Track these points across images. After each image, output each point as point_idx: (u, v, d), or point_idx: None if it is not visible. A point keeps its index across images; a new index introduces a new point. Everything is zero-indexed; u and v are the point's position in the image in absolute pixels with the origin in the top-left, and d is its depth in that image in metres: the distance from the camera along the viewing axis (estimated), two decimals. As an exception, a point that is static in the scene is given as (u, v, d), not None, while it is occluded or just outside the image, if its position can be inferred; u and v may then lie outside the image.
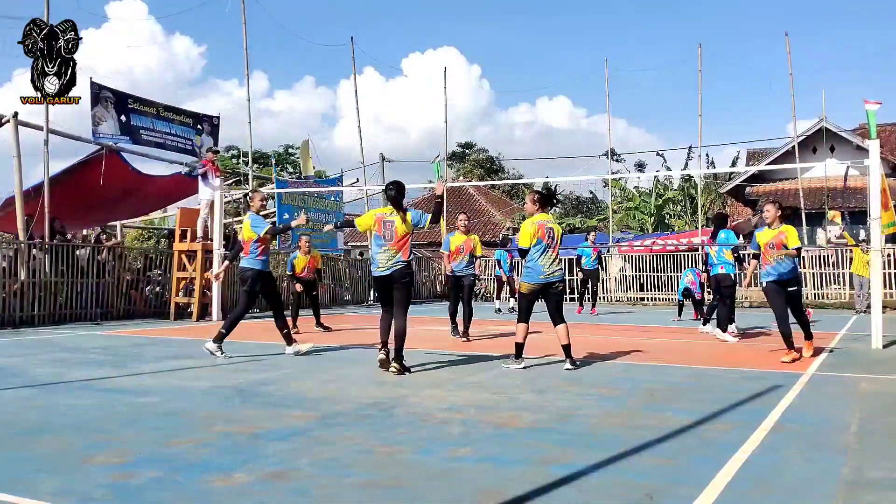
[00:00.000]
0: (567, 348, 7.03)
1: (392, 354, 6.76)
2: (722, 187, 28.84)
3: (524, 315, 7.11)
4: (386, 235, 6.86)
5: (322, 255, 20.32)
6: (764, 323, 12.39)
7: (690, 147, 31.07)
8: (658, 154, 32.28)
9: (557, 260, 7.09)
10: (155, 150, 16.67)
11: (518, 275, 12.74)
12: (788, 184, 24.89)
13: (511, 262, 17.33)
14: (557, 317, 7.13)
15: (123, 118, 15.67)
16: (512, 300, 16.46)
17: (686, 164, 30.53)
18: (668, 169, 31.67)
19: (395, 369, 6.70)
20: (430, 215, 7.20)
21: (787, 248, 7.61)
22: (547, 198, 7.65)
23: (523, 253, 7.03)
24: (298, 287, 11.62)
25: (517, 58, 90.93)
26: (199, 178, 14.41)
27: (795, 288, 7.87)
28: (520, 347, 7.09)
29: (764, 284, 7.95)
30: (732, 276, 9.87)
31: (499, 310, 16.93)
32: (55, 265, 12.94)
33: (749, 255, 10.60)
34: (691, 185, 27.87)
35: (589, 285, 16.47)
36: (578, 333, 10.79)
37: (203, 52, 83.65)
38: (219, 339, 7.96)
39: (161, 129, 16.74)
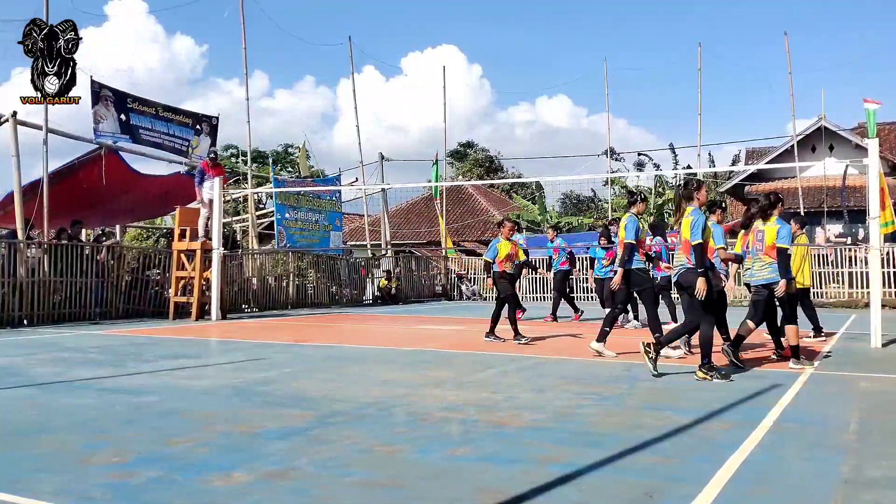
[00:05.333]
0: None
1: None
2: (721, 186, 28.85)
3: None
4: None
5: (322, 254, 20.43)
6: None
7: (671, 145, 31.14)
8: (640, 154, 32.41)
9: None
10: (154, 150, 16.67)
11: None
12: (787, 183, 24.90)
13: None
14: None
15: (123, 117, 15.66)
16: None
17: (675, 164, 30.64)
18: (658, 168, 31.74)
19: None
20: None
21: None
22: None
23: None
24: (490, 282, 9.73)
25: (517, 57, 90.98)
26: (196, 181, 14.33)
27: (763, 294, 7.11)
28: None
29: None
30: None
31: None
32: (54, 264, 12.93)
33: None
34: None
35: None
36: (578, 333, 10.79)
37: (204, 52, 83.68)
38: (602, 338, 7.81)
39: (160, 129, 16.73)
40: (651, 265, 10.56)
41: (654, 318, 7.92)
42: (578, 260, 18.15)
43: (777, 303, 7.28)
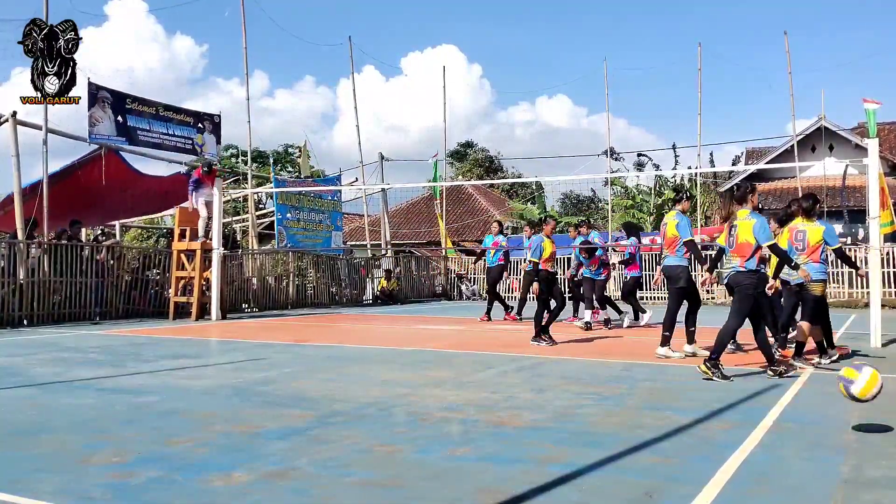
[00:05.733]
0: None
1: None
2: (721, 186, 28.84)
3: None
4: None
5: (322, 254, 20.44)
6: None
7: (674, 145, 31.21)
8: (640, 154, 32.45)
9: None
10: (154, 150, 16.65)
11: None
12: (787, 183, 24.91)
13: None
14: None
15: (120, 119, 15.59)
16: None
17: (675, 164, 30.68)
18: (657, 168, 31.76)
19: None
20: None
21: None
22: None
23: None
24: (535, 288, 9.02)
25: (517, 57, 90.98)
26: (190, 188, 14.26)
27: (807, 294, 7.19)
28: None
29: None
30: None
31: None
32: (54, 264, 12.93)
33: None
34: (692, 184, 27.86)
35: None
36: (578, 333, 10.80)
37: (204, 52, 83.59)
38: (665, 342, 7.73)
39: (158, 129, 16.66)
40: (623, 266, 10.67)
41: (672, 316, 7.82)
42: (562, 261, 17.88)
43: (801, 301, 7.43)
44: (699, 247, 7.72)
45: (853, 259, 9.03)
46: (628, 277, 10.82)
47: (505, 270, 13.93)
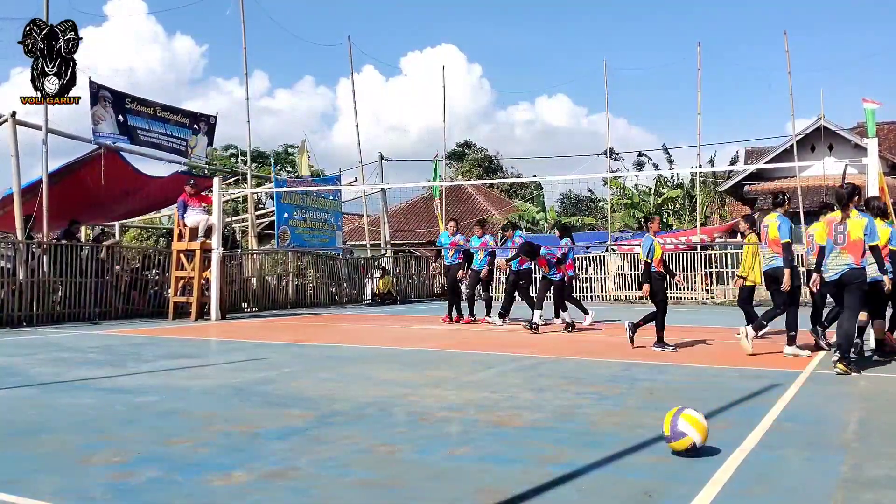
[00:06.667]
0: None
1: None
2: (720, 186, 28.86)
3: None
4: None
5: (322, 254, 20.44)
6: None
7: (664, 146, 31.25)
8: (640, 154, 32.46)
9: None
10: (152, 150, 16.64)
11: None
12: (787, 182, 24.90)
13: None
14: None
15: (121, 118, 15.63)
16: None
17: (670, 165, 30.68)
18: (657, 168, 31.77)
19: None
20: None
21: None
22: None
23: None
24: (646, 290, 8.56)
25: (517, 57, 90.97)
26: (179, 213, 14.21)
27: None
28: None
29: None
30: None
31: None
32: (53, 264, 12.93)
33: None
34: (691, 184, 27.90)
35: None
36: (578, 332, 10.80)
37: (204, 52, 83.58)
38: (791, 342, 7.87)
39: (157, 129, 16.67)
40: (553, 267, 10.74)
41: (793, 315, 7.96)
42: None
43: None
44: (792, 249, 7.86)
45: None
46: (558, 278, 11.01)
47: (462, 269, 13.28)
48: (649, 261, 8.54)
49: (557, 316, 11.79)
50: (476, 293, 13.71)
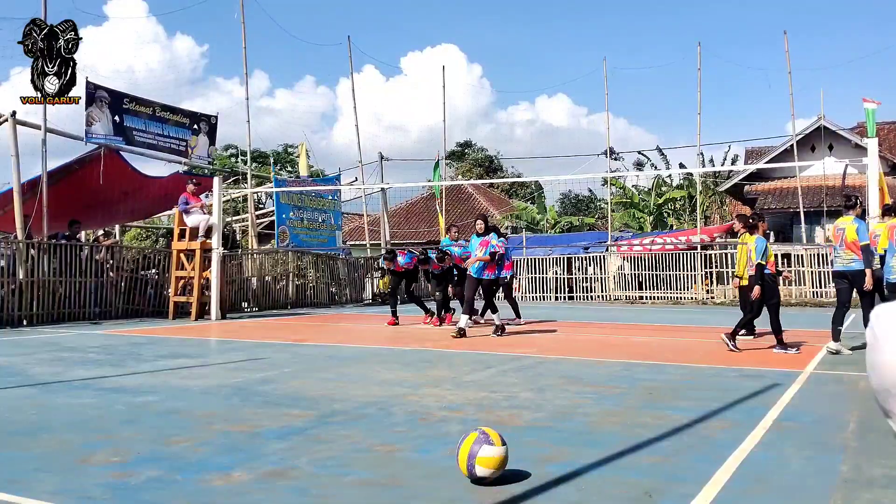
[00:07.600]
0: None
1: None
2: (721, 186, 28.85)
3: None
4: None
5: (322, 254, 20.43)
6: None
7: (658, 147, 31.32)
8: (640, 154, 32.51)
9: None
10: (148, 151, 16.60)
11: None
12: (787, 182, 24.90)
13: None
14: None
15: (117, 119, 15.54)
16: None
17: (667, 165, 30.70)
18: (655, 168, 31.77)
19: None
20: None
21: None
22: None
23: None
24: (757, 292, 8.33)
25: (517, 57, 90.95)
26: (181, 209, 14.23)
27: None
28: None
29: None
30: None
31: None
32: (53, 264, 12.93)
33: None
34: (691, 184, 27.90)
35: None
36: (577, 332, 10.80)
37: (204, 52, 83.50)
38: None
39: (154, 130, 16.57)
40: (497, 266, 10.73)
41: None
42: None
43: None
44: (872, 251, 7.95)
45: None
46: (503, 276, 11.11)
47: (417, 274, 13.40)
48: (763, 262, 8.24)
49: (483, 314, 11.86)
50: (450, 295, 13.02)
